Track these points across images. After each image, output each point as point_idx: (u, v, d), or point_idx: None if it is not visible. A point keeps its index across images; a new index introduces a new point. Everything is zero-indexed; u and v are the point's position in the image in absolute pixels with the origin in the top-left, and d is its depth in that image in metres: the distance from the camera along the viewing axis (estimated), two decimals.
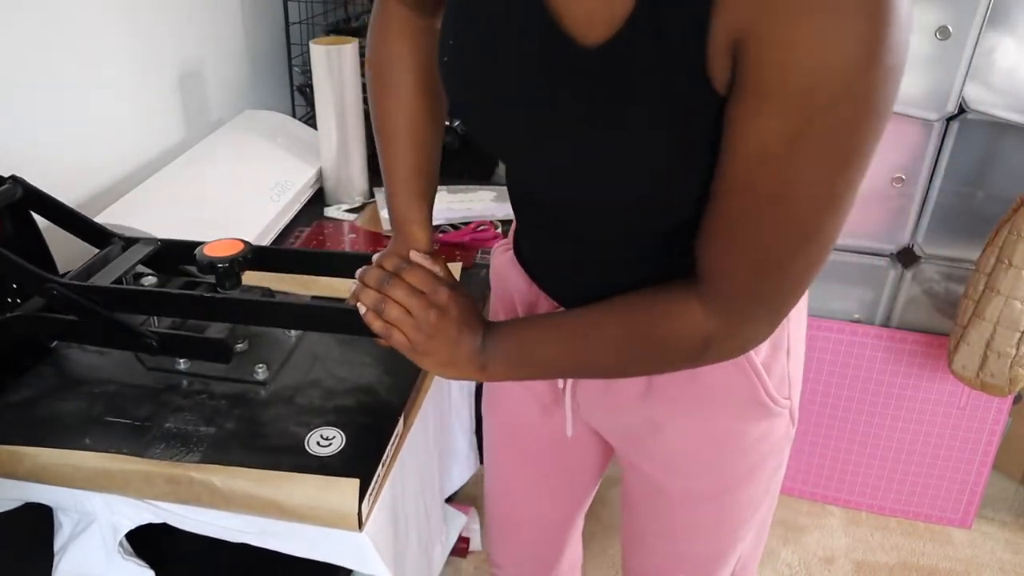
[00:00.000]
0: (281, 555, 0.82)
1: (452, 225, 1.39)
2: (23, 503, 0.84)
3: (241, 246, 0.88)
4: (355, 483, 0.77)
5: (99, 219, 1.09)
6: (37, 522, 0.84)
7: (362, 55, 1.49)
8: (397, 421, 0.87)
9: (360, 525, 0.78)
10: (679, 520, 0.90)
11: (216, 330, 0.92)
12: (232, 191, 1.36)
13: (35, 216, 0.99)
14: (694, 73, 0.54)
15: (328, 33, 1.91)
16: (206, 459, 0.80)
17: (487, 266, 1.32)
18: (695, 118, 0.56)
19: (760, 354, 0.77)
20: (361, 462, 0.80)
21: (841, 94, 0.50)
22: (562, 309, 0.79)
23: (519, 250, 0.86)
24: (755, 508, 0.89)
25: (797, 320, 0.81)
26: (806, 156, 0.53)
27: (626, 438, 0.88)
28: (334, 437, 0.83)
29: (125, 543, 0.84)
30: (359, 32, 1.87)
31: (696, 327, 0.65)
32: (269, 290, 0.99)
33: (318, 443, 0.83)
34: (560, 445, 0.95)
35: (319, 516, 0.77)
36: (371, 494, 0.80)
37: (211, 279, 0.89)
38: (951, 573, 1.76)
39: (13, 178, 0.95)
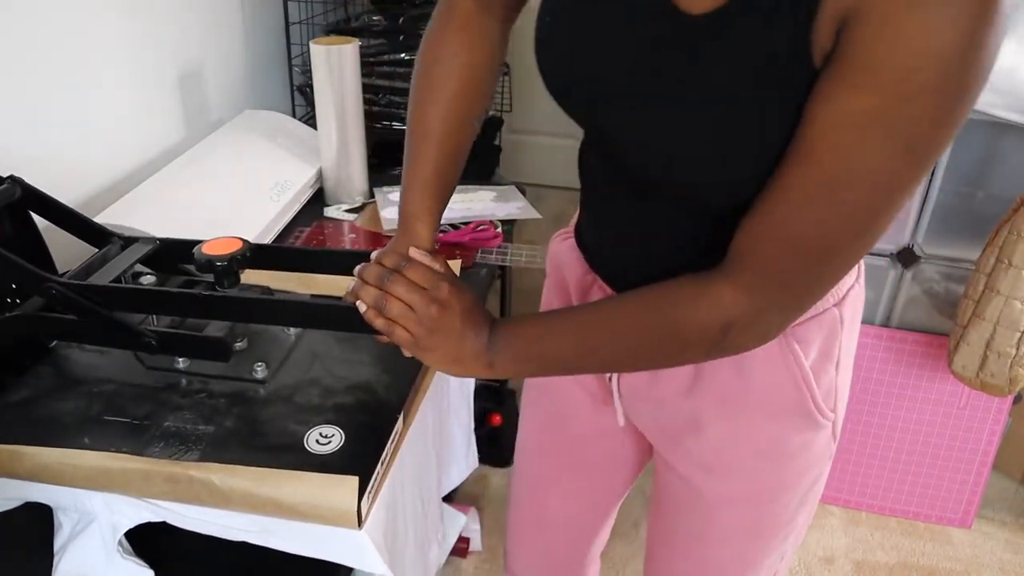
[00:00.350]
0: (281, 554, 0.82)
1: (452, 225, 1.39)
2: (23, 503, 0.84)
3: (239, 244, 0.88)
4: (354, 481, 0.77)
5: (99, 219, 1.09)
6: (37, 522, 0.84)
7: (362, 55, 1.49)
8: (396, 419, 0.87)
9: (359, 523, 0.78)
10: (713, 524, 0.89)
11: (215, 328, 0.92)
12: (232, 191, 1.36)
13: (35, 217, 0.99)
14: (796, 44, 0.55)
15: (328, 33, 1.91)
16: (205, 457, 0.80)
17: (487, 266, 1.32)
18: (789, 90, 0.57)
19: (809, 360, 0.76)
20: (360, 460, 0.80)
21: (937, 83, 0.51)
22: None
23: (580, 236, 0.86)
24: (789, 519, 0.88)
25: (849, 332, 0.79)
26: (886, 140, 0.53)
27: (666, 435, 0.87)
28: (333, 435, 0.83)
29: (124, 542, 0.84)
30: (359, 32, 1.87)
31: (719, 309, 0.64)
32: (268, 288, 0.99)
33: (317, 441, 0.83)
34: (600, 442, 0.95)
35: (318, 514, 0.77)
36: (370, 492, 0.80)
37: (210, 278, 0.89)
38: (951, 573, 1.76)
39: (12, 178, 0.95)
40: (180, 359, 0.94)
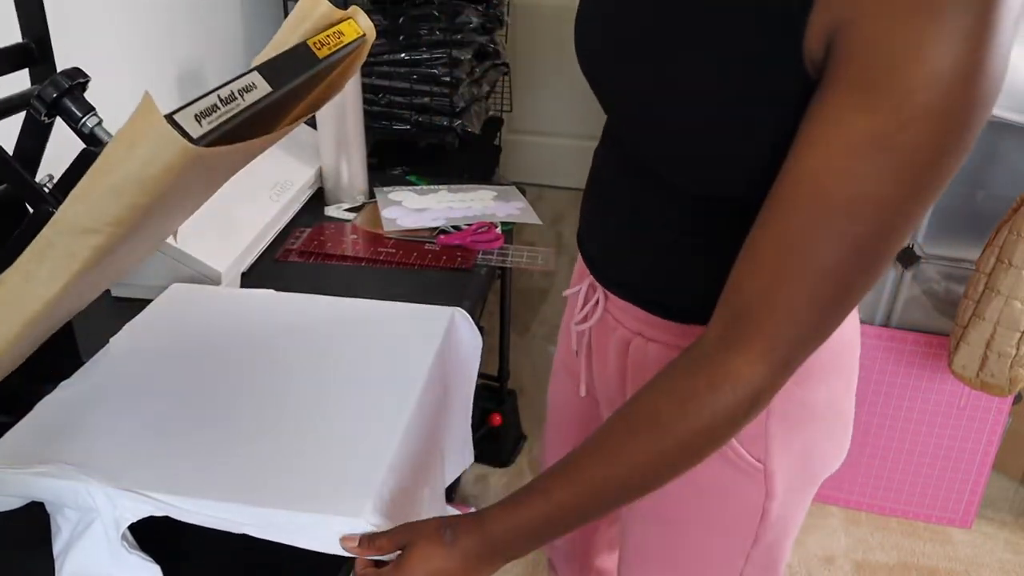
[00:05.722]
0: (286, 547, 0.82)
1: (454, 226, 1.39)
2: (24, 502, 0.84)
3: None
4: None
5: None
6: (36, 522, 0.84)
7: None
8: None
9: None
10: (628, 540, 0.90)
11: None
12: (232, 191, 1.36)
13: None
14: (785, 47, 0.52)
15: None
16: None
17: (487, 267, 1.32)
18: (778, 91, 0.54)
19: None
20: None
21: (938, 107, 0.47)
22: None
23: (580, 238, 0.85)
24: (718, 570, 0.85)
25: (800, 384, 0.70)
26: (888, 165, 0.49)
27: None
28: None
29: (129, 536, 0.83)
30: None
31: (741, 389, 0.57)
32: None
33: None
34: (588, 425, 0.97)
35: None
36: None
37: None
38: (951, 573, 1.76)
39: None
40: None
